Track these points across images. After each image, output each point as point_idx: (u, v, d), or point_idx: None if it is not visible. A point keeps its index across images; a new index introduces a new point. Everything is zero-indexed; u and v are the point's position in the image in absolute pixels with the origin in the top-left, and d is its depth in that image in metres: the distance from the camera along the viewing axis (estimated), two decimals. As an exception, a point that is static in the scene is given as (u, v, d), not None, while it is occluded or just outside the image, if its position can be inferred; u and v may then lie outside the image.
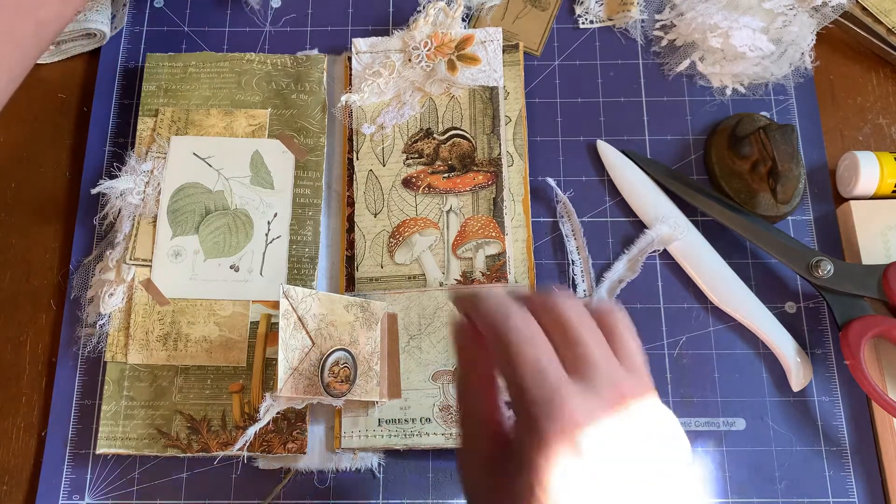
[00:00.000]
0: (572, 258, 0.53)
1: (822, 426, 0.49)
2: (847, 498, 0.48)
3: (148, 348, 0.50)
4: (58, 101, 0.59)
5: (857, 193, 0.52)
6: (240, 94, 0.56)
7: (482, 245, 0.52)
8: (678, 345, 0.51)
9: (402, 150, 0.55)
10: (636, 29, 0.59)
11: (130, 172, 0.54)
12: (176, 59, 0.58)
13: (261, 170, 0.54)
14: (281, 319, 0.45)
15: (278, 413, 0.46)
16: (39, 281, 0.54)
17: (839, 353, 0.50)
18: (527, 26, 0.59)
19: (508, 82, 0.56)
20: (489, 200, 0.53)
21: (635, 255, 0.52)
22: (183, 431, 0.48)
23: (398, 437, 0.48)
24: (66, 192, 0.56)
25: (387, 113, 0.55)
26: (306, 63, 0.57)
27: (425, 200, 0.53)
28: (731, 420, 0.50)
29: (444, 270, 0.52)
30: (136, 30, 0.60)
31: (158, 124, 0.55)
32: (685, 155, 0.56)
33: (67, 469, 0.49)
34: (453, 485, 0.49)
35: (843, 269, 0.49)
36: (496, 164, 0.53)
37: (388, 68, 0.56)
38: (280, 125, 0.56)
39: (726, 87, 0.57)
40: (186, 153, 0.54)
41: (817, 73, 0.57)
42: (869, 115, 0.57)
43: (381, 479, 0.49)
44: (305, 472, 0.49)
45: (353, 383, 0.46)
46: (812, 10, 0.57)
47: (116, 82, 0.59)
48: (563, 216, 0.54)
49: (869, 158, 0.52)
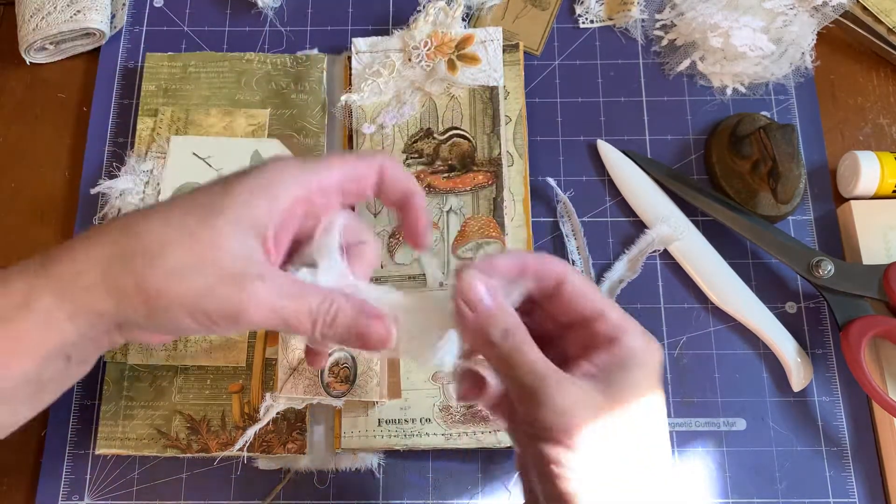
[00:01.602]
0: (572, 258, 0.53)
1: (823, 426, 0.49)
2: (847, 498, 0.48)
3: (148, 348, 0.50)
4: (57, 101, 0.59)
5: (858, 193, 0.52)
6: (239, 94, 0.56)
7: (482, 245, 0.52)
8: (678, 345, 0.51)
9: (402, 150, 0.55)
10: (636, 29, 0.59)
11: (130, 172, 0.54)
12: (176, 58, 0.58)
13: (261, 170, 0.54)
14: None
15: (278, 413, 0.46)
16: (39, 281, 0.54)
17: (839, 354, 0.50)
18: (527, 26, 0.59)
19: (508, 82, 0.56)
20: (489, 200, 0.53)
21: (635, 255, 0.52)
22: (183, 432, 0.48)
23: (398, 437, 0.48)
24: (66, 191, 0.56)
25: (387, 113, 0.55)
26: (306, 63, 0.57)
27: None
28: (731, 420, 0.50)
29: (444, 270, 0.52)
30: (136, 29, 0.60)
31: (158, 124, 0.55)
32: (685, 155, 0.56)
33: (67, 469, 0.49)
34: (453, 485, 0.49)
35: (843, 269, 0.49)
36: (496, 163, 0.53)
37: (388, 68, 0.55)
38: (280, 125, 0.56)
39: (727, 86, 0.57)
40: (186, 153, 0.54)
41: (818, 72, 0.57)
42: (869, 115, 0.57)
43: (381, 479, 0.49)
44: (305, 472, 0.49)
45: (353, 383, 0.46)
46: (812, 9, 0.57)
47: (116, 82, 0.59)
48: (563, 216, 0.54)
49: (869, 158, 0.52)
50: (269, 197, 0.34)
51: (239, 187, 0.34)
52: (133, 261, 0.32)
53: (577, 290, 0.34)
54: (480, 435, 0.48)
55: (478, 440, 0.48)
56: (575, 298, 0.34)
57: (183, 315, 0.33)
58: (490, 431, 0.48)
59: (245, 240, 0.33)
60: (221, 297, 0.32)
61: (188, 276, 0.32)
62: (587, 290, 0.35)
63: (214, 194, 0.34)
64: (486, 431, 0.48)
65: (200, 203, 0.34)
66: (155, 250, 0.32)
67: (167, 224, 0.33)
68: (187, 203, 0.34)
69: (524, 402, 0.32)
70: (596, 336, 0.34)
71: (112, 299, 0.33)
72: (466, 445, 0.48)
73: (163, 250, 0.32)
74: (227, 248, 0.33)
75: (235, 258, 0.33)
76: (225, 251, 0.33)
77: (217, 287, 0.32)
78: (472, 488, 0.49)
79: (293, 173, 0.35)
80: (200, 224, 0.33)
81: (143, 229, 0.33)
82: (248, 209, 0.33)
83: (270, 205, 0.34)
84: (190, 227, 0.33)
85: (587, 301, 0.34)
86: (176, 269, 0.32)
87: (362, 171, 0.36)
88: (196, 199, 0.34)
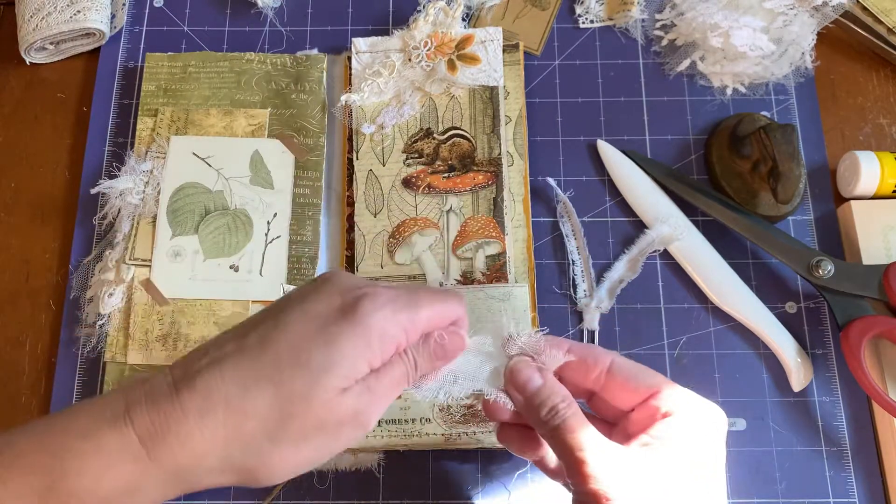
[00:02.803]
0: (572, 258, 0.53)
1: (823, 426, 0.49)
2: (847, 498, 0.48)
3: (147, 348, 0.50)
4: (57, 101, 0.59)
5: (858, 193, 0.52)
6: (239, 94, 0.56)
7: (482, 245, 0.52)
8: (678, 345, 0.51)
9: (402, 150, 0.55)
10: (636, 28, 0.59)
11: (130, 172, 0.54)
12: (176, 58, 0.58)
13: (260, 169, 0.54)
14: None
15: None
16: (39, 281, 0.54)
17: (840, 354, 0.50)
18: (527, 26, 0.59)
19: (508, 82, 0.56)
20: (489, 200, 0.53)
21: (635, 255, 0.52)
22: (182, 432, 0.48)
23: (398, 437, 0.48)
24: (66, 191, 0.56)
25: (387, 113, 0.55)
26: (306, 63, 0.57)
27: (425, 200, 0.53)
28: (731, 420, 0.49)
29: (444, 270, 0.52)
30: (136, 29, 0.60)
31: (158, 124, 0.55)
32: (685, 155, 0.56)
33: (67, 469, 0.49)
34: (453, 485, 0.49)
35: (843, 269, 0.49)
36: (496, 164, 0.53)
37: (388, 68, 0.55)
38: (280, 125, 0.56)
39: (727, 86, 0.57)
40: (186, 153, 0.54)
41: (818, 72, 0.57)
42: (869, 115, 0.57)
43: (381, 479, 0.49)
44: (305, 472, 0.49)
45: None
46: (812, 9, 0.57)
47: (116, 82, 0.59)
48: (563, 216, 0.54)
49: (869, 158, 0.52)
50: (371, 351, 0.34)
51: (343, 341, 0.33)
52: (253, 445, 0.32)
53: (628, 372, 0.37)
54: (480, 435, 0.48)
55: (478, 440, 0.48)
56: (627, 379, 0.37)
57: (308, 469, 0.34)
58: (490, 431, 0.48)
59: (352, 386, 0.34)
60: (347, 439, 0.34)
61: (310, 442, 0.33)
62: (638, 371, 0.37)
63: (317, 348, 0.33)
64: (486, 431, 0.48)
65: (307, 361, 0.33)
66: (273, 429, 0.32)
67: (278, 395, 0.32)
68: (293, 359, 0.33)
69: (571, 473, 0.34)
70: (653, 412, 0.36)
71: (231, 476, 0.33)
72: (466, 445, 0.48)
73: (282, 427, 0.32)
74: (339, 404, 0.33)
75: (347, 410, 0.33)
76: (338, 407, 0.33)
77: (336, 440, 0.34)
78: (472, 488, 0.49)
79: (388, 317, 0.34)
80: (312, 388, 0.32)
81: (257, 407, 0.32)
82: (354, 367, 0.34)
83: (373, 357, 0.34)
84: (304, 395, 0.32)
85: (640, 381, 0.37)
86: (297, 440, 0.32)
87: (450, 313, 0.38)
88: (300, 354, 0.33)
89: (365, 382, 0.34)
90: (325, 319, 0.34)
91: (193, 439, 0.31)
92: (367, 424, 0.34)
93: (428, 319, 0.36)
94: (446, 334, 0.37)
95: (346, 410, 0.33)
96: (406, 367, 0.36)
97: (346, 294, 0.35)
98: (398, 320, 0.35)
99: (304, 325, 0.34)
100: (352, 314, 0.34)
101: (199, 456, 0.31)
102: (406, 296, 0.36)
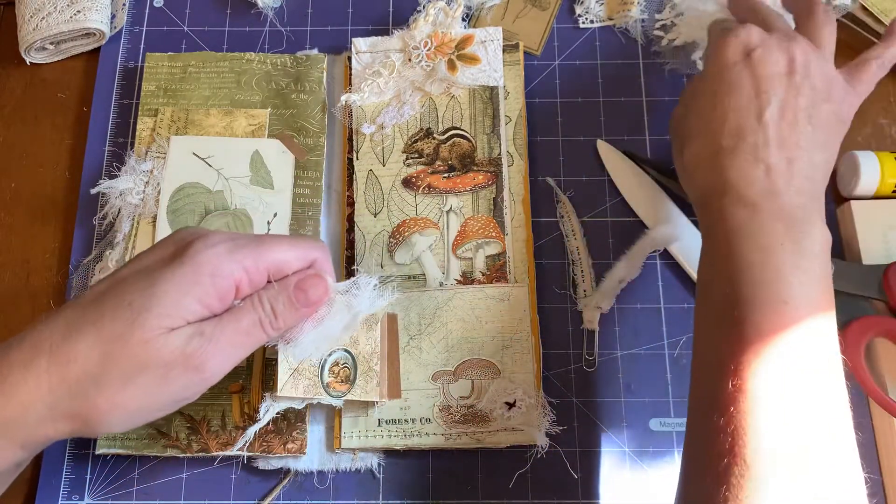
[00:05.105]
0: (572, 258, 0.53)
1: (823, 426, 0.49)
2: (847, 498, 0.48)
3: (148, 348, 0.50)
4: (57, 101, 0.59)
5: (858, 193, 0.52)
6: (239, 94, 0.56)
7: (482, 245, 0.52)
8: (678, 345, 0.51)
9: (402, 150, 0.55)
10: (636, 28, 0.59)
11: (130, 172, 0.54)
12: (176, 58, 0.58)
13: (260, 170, 0.54)
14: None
15: (278, 413, 0.46)
16: (39, 281, 0.54)
17: (839, 354, 0.50)
18: (527, 26, 0.59)
19: (508, 82, 0.56)
20: (489, 200, 0.53)
21: (635, 255, 0.52)
22: (182, 431, 0.48)
23: (398, 437, 0.48)
24: (66, 191, 0.56)
25: (387, 113, 0.55)
26: (306, 63, 0.57)
27: (425, 200, 0.53)
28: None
29: (444, 270, 0.52)
30: (136, 29, 0.60)
31: (158, 124, 0.55)
32: (685, 155, 0.56)
33: (67, 469, 0.49)
34: (453, 485, 0.49)
35: (843, 268, 0.49)
36: (496, 163, 0.53)
37: (388, 68, 0.55)
38: (280, 125, 0.56)
39: (726, 86, 0.57)
40: (186, 153, 0.54)
41: (818, 72, 0.57)
42: (869, 115, 0.57)
43: (381, 479, 0.49)
44: (305, 472, 0.49)
45: (353, 383, 0.45)
46: (812, 9, 0.56)
47: (116, 82, 0.59)
48: (563, 216, 0.54)
49: (869, 158, 0.52)
50: (201, 288, 0.34)
51: (164, 280, 0.33)
52: (78, 389, 0.32)
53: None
54: (480, 435, 0.48)
55: (478, 440, 0.48)
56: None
57: (146, 416, 0.34)
58: (490, 431, 0.48)
59: (181, 327, 0.33)
60: (179, 383, 0.33)
61: (135, 383, 0.32)
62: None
63: (140, 291, 0.33)
64: (486, 431, 0.48)
65: (128, 303, 0.33)
66: (96, 372, 0.32)
67: (99, 337, 0.32)
68: (115, 303, 0.33)
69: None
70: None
71: (65, 425, 0.33)
72: (466, 445, 0.48)
73: (104, 369, 0.32)
74: (164, 344, 0.33)
75: (174, 351, 0.33)
76: (163, 347, 0.33)
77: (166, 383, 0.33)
78: (472, 488, 0.49)
79: (221, 254, 0.34)
80: (131, 327, 0.32)
81: (78, 351, 0.32)
82: (178, 305, 0.33)
83: (204, 294, 0.34)
84: (122, 334, 0.32)
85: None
86: (121, 381, 0.32)
87: (305, 255, 0.37)
88: (123, 298, 0.33)
89: (199, 326, 0.34)
90: (154, 265, 0.35)
91: (18, 391, 0.32)
92: (203, 369, 0.34)
93: (276, 261, 0.36)
94: (307, 277, 0.36)
95: (172, 351, 0.33)
96: (258, 314, 0.35)
97: (179, 242, 0.35)
98: (235, 258, 0.34)
99: (134, 274, 0.34)
100: (180, 255, 0.34)
101: (24, 405, 0.32)
102: (249, 237, 0.36)
